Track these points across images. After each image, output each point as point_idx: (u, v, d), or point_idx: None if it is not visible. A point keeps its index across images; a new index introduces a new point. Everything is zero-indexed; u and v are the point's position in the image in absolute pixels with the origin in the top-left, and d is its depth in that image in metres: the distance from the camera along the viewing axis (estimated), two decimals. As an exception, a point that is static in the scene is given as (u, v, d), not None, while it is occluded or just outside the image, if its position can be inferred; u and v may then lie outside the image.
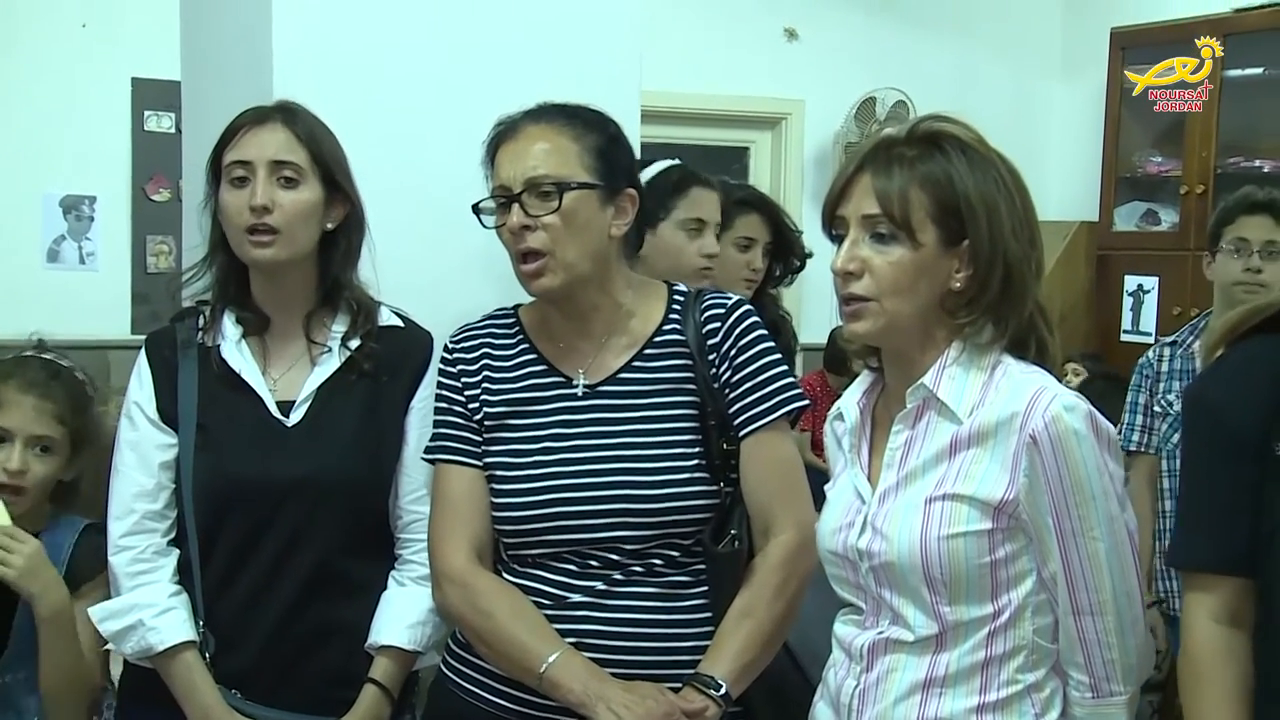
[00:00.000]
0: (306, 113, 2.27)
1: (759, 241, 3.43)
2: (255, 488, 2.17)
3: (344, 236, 2.28)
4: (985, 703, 1.79)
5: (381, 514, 2.28)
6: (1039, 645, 1.81)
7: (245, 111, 2.26)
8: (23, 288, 6.27)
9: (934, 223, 1.78)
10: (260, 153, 2.20)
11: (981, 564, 1.77)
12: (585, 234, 2.10)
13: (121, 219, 6.53)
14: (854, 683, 1.88)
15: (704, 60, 6.54)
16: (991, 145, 1.85)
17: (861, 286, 1.81)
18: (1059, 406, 1.74)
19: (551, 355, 2.20)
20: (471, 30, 2.66)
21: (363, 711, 2.21)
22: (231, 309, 2.27)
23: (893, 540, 1.80)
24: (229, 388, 2.23)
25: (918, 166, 1.79)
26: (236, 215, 2.19)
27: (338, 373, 2.25)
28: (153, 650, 2.18)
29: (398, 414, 2.27)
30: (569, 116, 2.16)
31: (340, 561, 2.22)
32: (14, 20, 6.26)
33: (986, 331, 1.82)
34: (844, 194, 1.84)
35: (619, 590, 2.09)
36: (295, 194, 2.20)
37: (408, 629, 2.23)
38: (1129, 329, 6.27)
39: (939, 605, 1.79)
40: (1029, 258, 1.82)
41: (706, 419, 2.13)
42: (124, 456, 2.24)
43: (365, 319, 2.28)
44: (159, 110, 6.44)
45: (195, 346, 2.25)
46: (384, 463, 2.26)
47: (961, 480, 1.78)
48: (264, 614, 2.19)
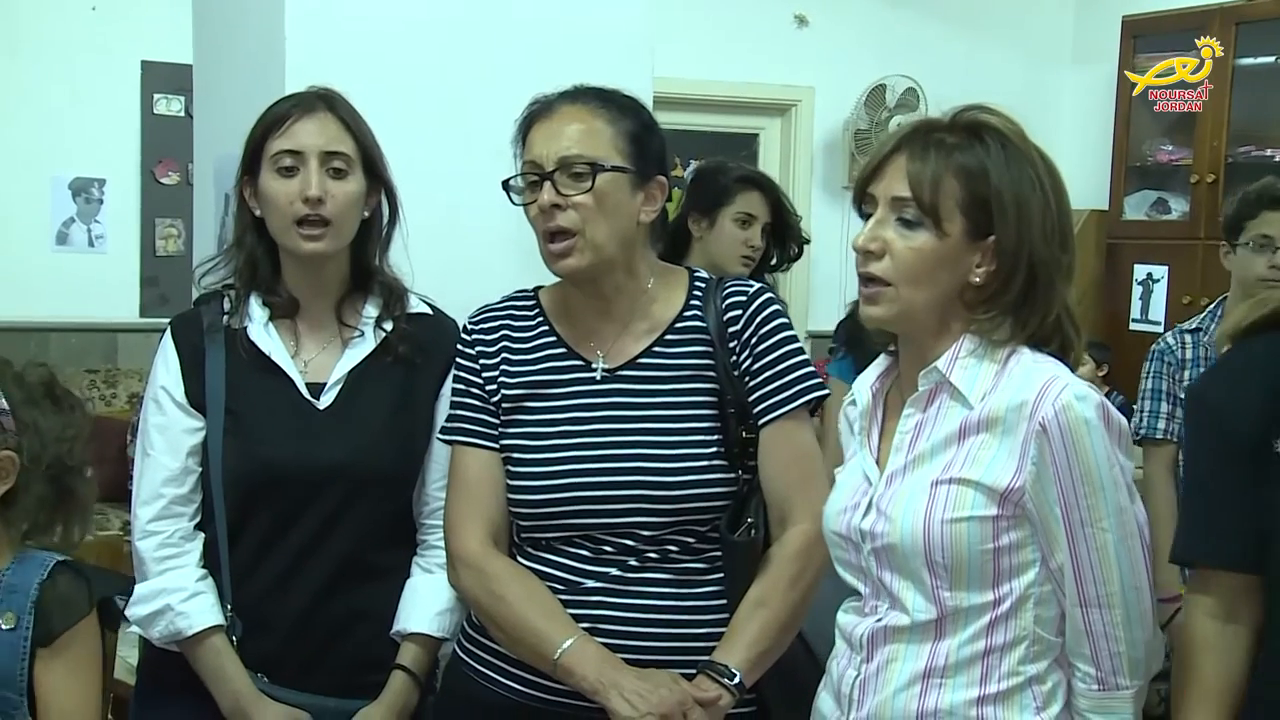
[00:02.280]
0: (346, 101, 2.26)
1: (758, 219, 3.53)
2: (289, 474, 2.17)
3: (377, 223, 2.28)
4: (986, 694, 1.79)
5: (409, 501, 2.29)
6: (1041, 637, 1.80)
7: (287, 97, 2.25)
8: (32, 270, 6.30)
9: (962, 213, 1.78)
10: (313, 141, 2.18)
11: (984, 550, 1.76)
12: (615, 217, 2.10)
13: (131, 202, 6.55)
14: (855, 673, 1.88)
15: (714, 47, 6.53)
16: (1033, 142, 1.84)
17: (880, 268, 1.80)
18: (1070, 395, 1.73)
19: (571, 338, 2.19)
20: (484, 17, 2.66)
21: (391, 698, 2.22)
22: (259, 293, 2.25)
23: (896, 522, 1.79)
24: (258, 371, 2.22)
25: (955, 155, 1.78)
26: (288, 205, 2.17)
27: (371, 356, 2.25)
28: (181, 635, 2.18)
29: (429, 402, 2.27)
30: (604, 100, 2.15)
31: (368, 548, 2.22)
32: (23, 3, 6.27)
33: (1004, 329, 1.80)
34: (877, 172, 1.84)
35: (634, 576, 2.09)
36: (345, 185, 2.19)
37: (436, 616, 2.24)
38: (1138, 318, 6.26)
39: (939, 590, 1.78)
40: (1058, 261, 1.80)
41: (725, 406, 2.12)
42: (152, 440, 2.23)
43: (397, 303, 2.28)
44: (168, 93, 6.45)
45: (222, 330, 2.23)
46: (415, 451, 2.27)
47: (969, 465, 1.77)
48: (292, 598, 2.19)
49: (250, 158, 2.22)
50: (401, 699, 2.22)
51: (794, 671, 2.12)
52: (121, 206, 6.52)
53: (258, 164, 2.21)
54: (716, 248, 3.51)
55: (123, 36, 6.32)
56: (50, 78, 6.25)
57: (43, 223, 6.40)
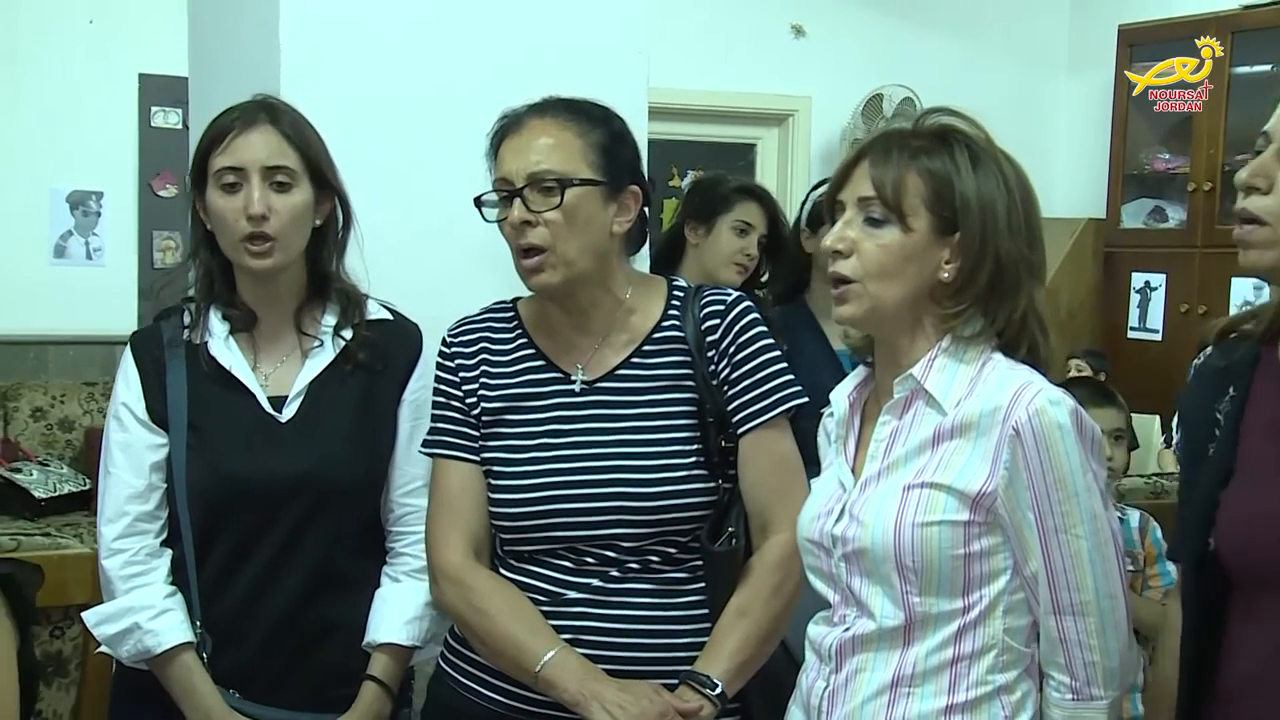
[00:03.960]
0: (290, 109, 2.25)
1: (756, 229, 3.56)
2: (254, 487, 2.16)
3: (332, 230, 2.27)
4: (954, 703, 1.78)
5: (376, 510, 2.28)
6: (1010, 646, 1.79)
7: (228, 111, 2.23)
8: (30, 283, 6.31)
9: (928, 209, 1.79)
10: (253, 157, 2.16)
11: (955, 555, 1.76)
12: (586, 231, 2.09)
13: (128, 215, 6.56)
14: (824, 684, 1.87)
15: (711, 57, 6.55)
16: (998, 145, 1.85)
17: (848, 267, 1.82)
18: (1043, 400, 1.73)
19: (550, 351, 2.19)
20: (479, 27, 2.66)
21: (363, 709, 2.21)
22: (218, 306, 2.25)
23: (868, 525, 1.79)
24: (219, 385, 2.21)
25: (920, 157, 1.81)
26: (233, 222, 2.16)
27: (331, 365, 2.24)
28: (150, 653, 2.16)
29: (391, 407, 2.27)
30: (574, 111, 2.14)
31: (338, 558, 2.21)
32: (21, 16, 6.29)
33: (975, 324, 1.81)
34: (844, 179, 1.86)
35: (615, 587, 2.09)
36: (289, 198, 2.18)
37: (405, 625, 2.23)
38: (1135, 326, 6.27)
39: (909, 595, 1.78)
40: (1025, 258, 1.82)
41: (705, 416, 2.12)
42: (114, 458, 2.22)
43: (355, 310, 2.27)
44: (166, 106, 6.46)
45: (183, 345, 2.23)
46: (379, 458, 2.26)
47: (941, 469, 1.77)
48: (262, 612, 2.18)
49: (196, 173, 2.22)
50: (373, 710, 2.22)
51: (776, 681, 2.11)
52: (119, 219, 6.53)
53: (204, 179, 2.20)
54: (711, 255, 3.52)
55: (120, 49, 6.34)
56: (48, 90, 6.26)
57: (41, 236, 6.40)
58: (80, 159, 6.40)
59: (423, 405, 2.26)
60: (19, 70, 6.25)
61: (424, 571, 2.23)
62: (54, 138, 6.30)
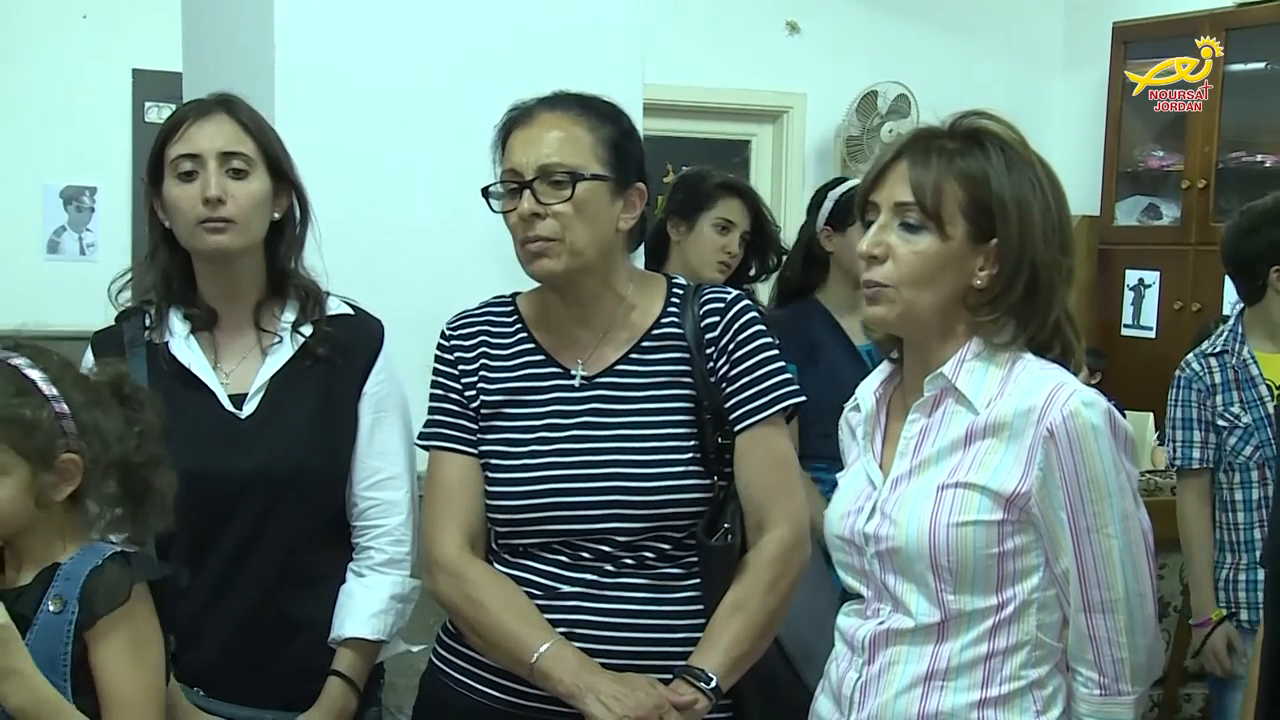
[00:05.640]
0: (246, 104, 2.26)
1: (737, 226, 3.53)
2: (211, 482, 2.14)
3: (290, 225, 2.27)
4: (987, 697, 1.80)
5: (339, 505, 2.27)
6: (1043, 642, 1.81)
7: (185, 104, 2.25)
8: (23, 279, 6.27)
9: (965, 217, 1.79)
10: (209, 144, 2.17)
11: (989, 554, 1.77)
12: (594, 225, 2.09)
13: (122, 210, 6.53)
14: (856, 675, 1.88)
15: (705, 53, 6.53)
16: (1033, 148, 1.85)
17: (882, 273, 1.82)
18: (1078, 402, 1.75)
19: (550, 346, 2.19)
20: (474, 24, 2.67)
21: (328, 705, 2.21)
22: (178, 307, 2.25)
23: (901, 525, 1.80)
24: (180, 384, 2.20)
25: (956, 160, 1.80)
26: (189, 209, 2.16)
27: (291, 361, 2.24)
28: None
29: (351, 402, 2.27)
30: (584, 106, 2.15)
31: (301, 554, 2.21)
32: (15, 11, 6.27)
33: (1007, 331, 1.82)
34: (879, 180, 1.85)
35: (611, 582, 2.09)
36: (246, 184, 2.19)
37: (370, 619, 2.23)
38: (1130, 323, 6.27)
39: (944, 593, 1.79)
40: (1059, 264, 1.82)
41: (702, 413, 2.12)
42: None
43: (315, 306, 2.27)
44: (160, 101, 6.43)
45: (144, 345, 2.23)
46: (340, 452, 2.25)
47: (975, 469, 1.78)
48: (226, 610, 2.17)
49: (153, 168, 2.22)
50: (338, 705, 2.21)
51: (771, 676, 2.12)
52: (113, 215, 6.50)
53: (160, 173, 2.21)
54: (694, 253, 3.51)
55: (114, 44, 6.32)
56: (41, 86, 6.24)
57: (34, 231, 6.39)
58: (74, 154, 6.38)
59: (385, 399, 2.27)
60: (12, 65, 6.23)
61: (389, 565, 2.25)
62: (48, 133, 6.28)
